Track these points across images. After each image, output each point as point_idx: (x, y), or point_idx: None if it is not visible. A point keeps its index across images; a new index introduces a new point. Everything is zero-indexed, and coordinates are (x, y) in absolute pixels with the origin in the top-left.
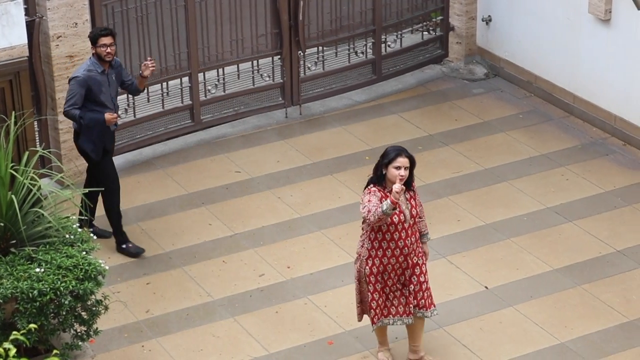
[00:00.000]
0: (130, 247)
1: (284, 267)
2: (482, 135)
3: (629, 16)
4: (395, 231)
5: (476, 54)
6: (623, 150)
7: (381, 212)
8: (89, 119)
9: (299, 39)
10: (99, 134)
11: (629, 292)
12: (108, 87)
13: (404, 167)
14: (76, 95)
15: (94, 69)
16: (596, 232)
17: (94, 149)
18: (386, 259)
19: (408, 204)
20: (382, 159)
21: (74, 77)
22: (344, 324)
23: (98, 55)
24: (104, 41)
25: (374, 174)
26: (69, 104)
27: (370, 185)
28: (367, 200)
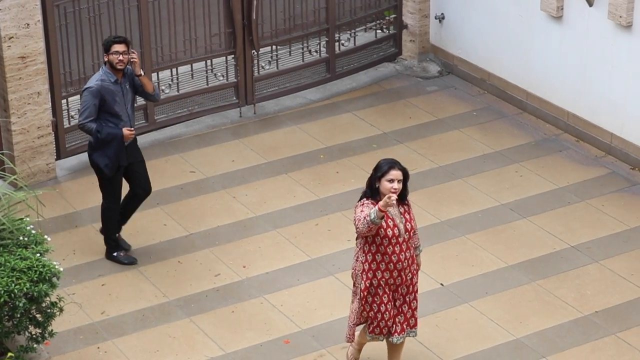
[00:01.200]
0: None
1: (239, 266)
2: (436, 132)
3: (581, 13)
4: (389, 245)
5: (430, 52)
6: (576, 146)
7: (369, 221)
8: (106, 134)
9: (253, 38)
10: (115, 149)
11: (583, 288)
12: (122, 97)
13: (397, 180)
14: (90, 107)
15: (107, 78)
16: (550, 228)
17: (108, 164)
18: (380, 273)
19: (402, 218)
20: (375, 172)
21: (87, 88)
22: (300, 322)
23: (110, 64)
24: (116, 48)
25: (367, 187)
26: (83, 117)
27: (364, 199)
28: (359, 212)
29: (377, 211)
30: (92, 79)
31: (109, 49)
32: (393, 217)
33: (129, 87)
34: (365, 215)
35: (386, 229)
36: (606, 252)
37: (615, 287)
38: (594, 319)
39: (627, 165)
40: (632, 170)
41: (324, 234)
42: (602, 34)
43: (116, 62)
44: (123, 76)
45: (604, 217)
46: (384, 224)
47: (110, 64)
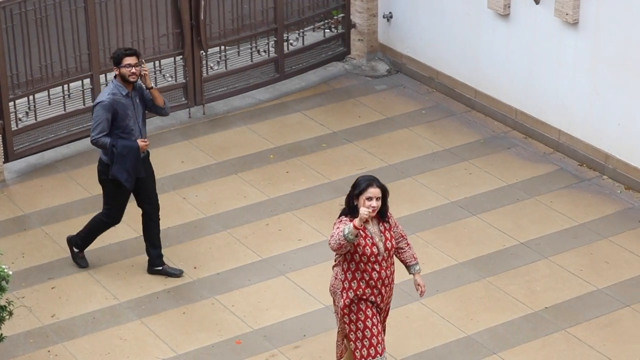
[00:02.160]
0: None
1: (190, 267)
2: (385, 131)
3: (528, 10)
4: (368, 263)
5: (378, 51)
6: (524, 143)
7: (342, 237)
8: (121, 147)
9: (201, 39)
10: (132, 162)
11: (533, 284)
12: (134, 111)
13: (375, 198)
14: (103, 122)
15: (118, 92)
16: (500, 225)
17: (127, 178)
18: (361, 291)
19: (382, 237)
20: (353, 190)
21: (99, 102)
22: (252, 322)
23: (122, 77)
24: (128, 61)
25: (346, 205)
26: (96, 132)
27: (342, 217)
28: (336, 228)
29: (350, 227)
30: (103, 93)
31: (119, 62)
32: (372, 236)
33: (139, 100)
34: (339, 232)
35: (364, 247)
36: (555, 248)
37: (564, 282)
38: (544, 314)
39: (575, 162)
40: (580, 166)
41: (274, 234)
42: (548, 32)
43: (129, 75)
44: (133, 89)
45: (553, 213)
46: (362, 242)
47: (122, 77)
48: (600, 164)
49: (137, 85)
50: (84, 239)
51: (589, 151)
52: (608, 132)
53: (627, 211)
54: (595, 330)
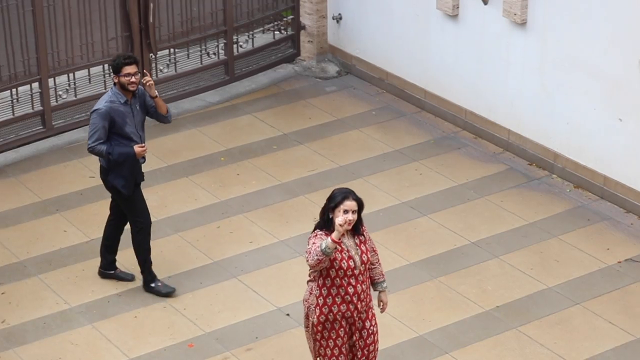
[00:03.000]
0: (159, 285)
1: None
2: (336, 132)
3: (476, 11)
4: (344, 277)
5: (328, 52)
6: (474, 143)
7: (320, 251)
8: (117, 154)
9: (150, 42)
10: (129, 168)
11: (484, 283)
12: (133, 118)
13: (351, 211)
14: (99, 130)
15: (117, 99)
16: (451, 225)
17: (125, 185)
18: (336, 307)
19: (358, 250)
20: (328, 203)
21: (95, 110)
22: (204, 325)
23: (121, 85)
24: (127, 70)
25: (320, 218)
26: (93, 140)
27: (317, 230)
28: (311, 244)
29: (329, 242)
30: (101, 100)
31: (119, 70)
32: (348, 249)
33: (139, 107)
34: (316, 248)
35: (340, 260)
36: (506, 248)
37: (515, 281)
38: (495, 313)
39: (524, 161)
40: (530, 165)
41: (226, 236)
42: (497, 32)
43: (128, 84)
44: (133, 97)
45: (503, 212)
46: (338, 256)
47: (122, 85)
48: (550, 163)
49: (138, 92)
50: (144, 262)
51: (538, 150)
52: (557, 131)
53: (576, 210)
54: (546, 329)
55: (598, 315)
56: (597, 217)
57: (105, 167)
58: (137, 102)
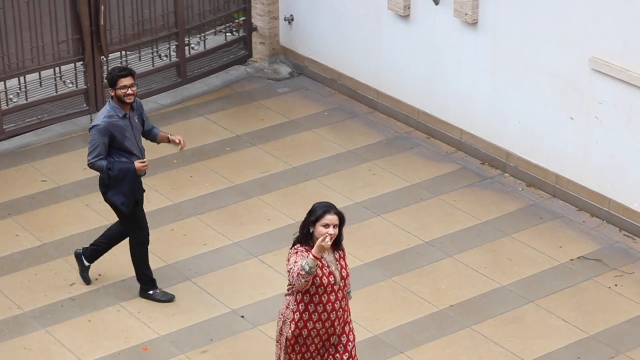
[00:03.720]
0: (158, 293)
1: (95, 275)
2: (289, 134)
3: (428, 11)
4: (324, 293)
5: (280, 54)
6: (427, 143)
7: (305, 274)
8: (117, 170)
9: (101, 44)
10: (129, 185)
11: (438, 282)
12: (132, 132)
13: (332, 225)
14: (99, 146)
15: (115, 113)
16: (404, 225)
17: (124, 202)
18: (311, 323)
19: (338, 265)
20: (309, 217)
21: (94, 126)
22: (158, 328)
23: (118, 98)
24: (123, 82)
25: (300, 232)
26: (93, 156)
27: (297, 245)
28: (292, 262)
29: (311, 259)
30: (99, 115)
31: (114, 83)
32: (328, 264)
33: (137, 120)
34: (299, 270)
35: (321, 277)
36: (459, 247)
37: (468, 280)
38: (449, 312)
39: (477, 160)
40: (482, 165)
41: (179, 238)
42: (448, 32)
43: (124, 97)
44: (131, 110)
45: (456, 212)
46: (318, 272)
47: (119, 98)
48: (502, 162)
49: (136, 105)
50: (142, 276)
51: (490, 150)
52: (509, 130)
53: (528, 208)
54: (499, 327)
55: (551, 313)
56: (550, 215)
57: (104, 183)
58: (135, 115)
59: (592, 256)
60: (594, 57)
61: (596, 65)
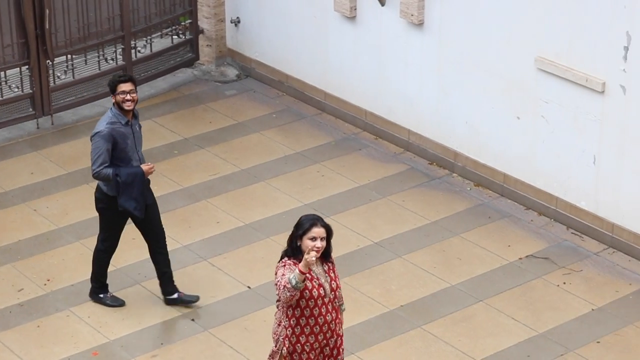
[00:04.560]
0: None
1: (43, 280)
2: (237, 136)
3: (374, 12)
4: (315, 307)
5: (227, 56)
6: (375, 144)
7: (291, 287)
8: (126, 175)
9: (47, 48)
10: (139, 189)
11: (388, 283)
12: (133, 140)
13: (319, 238)
14: (103, 153)
15: (117, 120)
16: (353, 226)
17: (136, 207)
18: (304, 337)
19: (327, 277)
20: (296, 230)
21: (97, 133)
22: (108, 333)
23: (118, 104)
24: (122, 88)
25: (288, 245)
26: (97, 164)
27: (285, 259)
28: (280, 275)
29: (298, 274)
30: (101, 122)
31: (114, 89)
32: (317, 277)
33: (138, 128)
34: (286, 283)
35: (311, 289)
36: (409, 247)
37: (418, 280)
38: (399, 313)
39: (425, 161)
40: (430, 165)
41: (128, 242)
42: (395, 33)
43: (123, 102)
44: (133, 117)
45: (405, 212)
46: (308, 285)
47: (118, 105)
48: (450, 162)
49: (136, 112)
50: (97, 279)
51: (438, 150)
52: (456, 130)
53: (477, 207)
54: (450, 326)
55: (501, 312)
56: (498, 214)
57: (105, 190)
58: (137, 123)
59: (540, 255)
60: (540, 56)
61: (542, 64)
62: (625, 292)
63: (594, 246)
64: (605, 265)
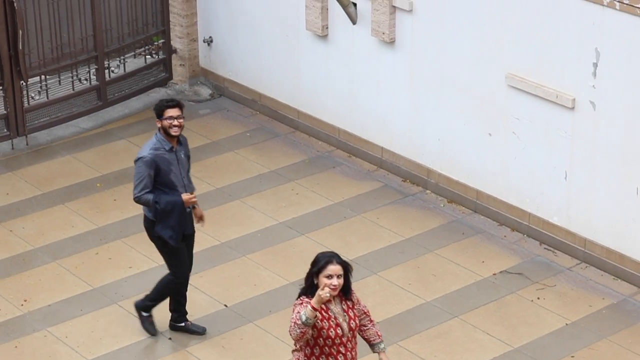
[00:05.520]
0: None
1: (20, 300)
2: (211, 155)
3: (346, 31)
4: (333, 346)
5: (200, 75)
6: (348, 161)
7: (301, 323)
8: (165, 202)
9: (20, 69)
10: (177, 218)
11: (364, 300)
12: (178, 166)
13: (336, 276)
14: (145, 179)
15: (161, 146)
16: (328, 243)
17: (172, 235)
18: None
19: (345, 316)
20: (312, 268)
21: (140, 158)
22: (86, 352)
23: (164, 130)
24: (170, 113)
25: (305, 283)
26: (139, 189)
27: (302, 297)
28: (295, 313)
29: (309, 310)
30: (145, 147)
31: (161, 114)
32: (335, 316)
33: (184, 155)
34: (296, 319)
35: (328, 329)
36: (383, 264)
37: (394, 297)
38: None
39: (398, 178)
40: (404, 182)
41: (104, 262)
42: (367, 51)
43: (170, 128)
44: (178, 143)
45: (380, 229)
46: (325, 324)
47: (164, 130)
48: (423, 179)
49: (182, 139)
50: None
51: (411, 167)
52: (429, 147)
53: (450, 224)
54: (425, 342)
55: (476, 327)
56: (471, 230)
57: (150, 217)
58: (182, 150)
59: (514, 270)
60: (510, 73)
61: (512, 81)
62: (598, 307)
63: (567, 261)
64: (578, 280)
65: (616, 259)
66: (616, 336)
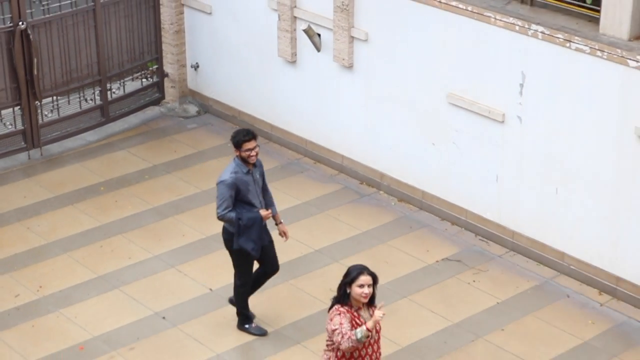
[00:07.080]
0: (253, 327)
1: (36, 287)
2: (198, 162)
3: (312, 57)
4: (363, 347)
5: (188, 96)
6: (314, 167)
7: (356, 340)
8: (247, 219)
9: (36, 91)
10: (257, 231)
11: (328, 283)
12: (254, 185)
13: (367, 285)
14: (227, 199)
15: (240, 170)
16: (298, 236)
17: (254, 247)
18: None
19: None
20: (345, 278)
21: (222, 181)
22: (93, 330)
23: (242, 159)
24: (248, 146)
25: (338, 293)
26: (222, 208)
27: (338, 306)
28: (338, 323)
29: (365, 331)
30: (226, 171)
31: (240, 146)
32: (365, 320)
33: (259, 175)
34: (350, 335)
35: None
36: (344, 253)
37: None
38: None
39: (356, 181)
40: (361, 184)
41: (107, 254)
42: (330, 74)
43: (248, 158)
44: (254, 166)
45: (341, 224)
46: None
47: (243, 159)
48: (377, 182)
49: (257, 162)
50: (243, 309)
51: (367, 172)
52: (382, 155)
53: (400, 219)
54: None
55: (422, 306)
56: (418, 224)
57: (231, 230)
58: (258, 171)
59: (453, 257)
60: (450, 92)
61: (452, 99)
62: (524, 288)
63: (498, 250)
64: (508, 266)
65: (539, 247)
66: (539, 312)
